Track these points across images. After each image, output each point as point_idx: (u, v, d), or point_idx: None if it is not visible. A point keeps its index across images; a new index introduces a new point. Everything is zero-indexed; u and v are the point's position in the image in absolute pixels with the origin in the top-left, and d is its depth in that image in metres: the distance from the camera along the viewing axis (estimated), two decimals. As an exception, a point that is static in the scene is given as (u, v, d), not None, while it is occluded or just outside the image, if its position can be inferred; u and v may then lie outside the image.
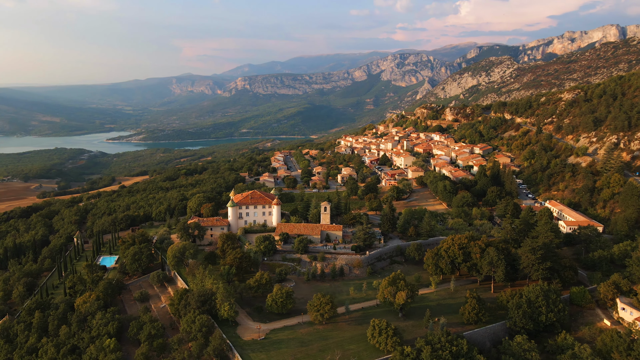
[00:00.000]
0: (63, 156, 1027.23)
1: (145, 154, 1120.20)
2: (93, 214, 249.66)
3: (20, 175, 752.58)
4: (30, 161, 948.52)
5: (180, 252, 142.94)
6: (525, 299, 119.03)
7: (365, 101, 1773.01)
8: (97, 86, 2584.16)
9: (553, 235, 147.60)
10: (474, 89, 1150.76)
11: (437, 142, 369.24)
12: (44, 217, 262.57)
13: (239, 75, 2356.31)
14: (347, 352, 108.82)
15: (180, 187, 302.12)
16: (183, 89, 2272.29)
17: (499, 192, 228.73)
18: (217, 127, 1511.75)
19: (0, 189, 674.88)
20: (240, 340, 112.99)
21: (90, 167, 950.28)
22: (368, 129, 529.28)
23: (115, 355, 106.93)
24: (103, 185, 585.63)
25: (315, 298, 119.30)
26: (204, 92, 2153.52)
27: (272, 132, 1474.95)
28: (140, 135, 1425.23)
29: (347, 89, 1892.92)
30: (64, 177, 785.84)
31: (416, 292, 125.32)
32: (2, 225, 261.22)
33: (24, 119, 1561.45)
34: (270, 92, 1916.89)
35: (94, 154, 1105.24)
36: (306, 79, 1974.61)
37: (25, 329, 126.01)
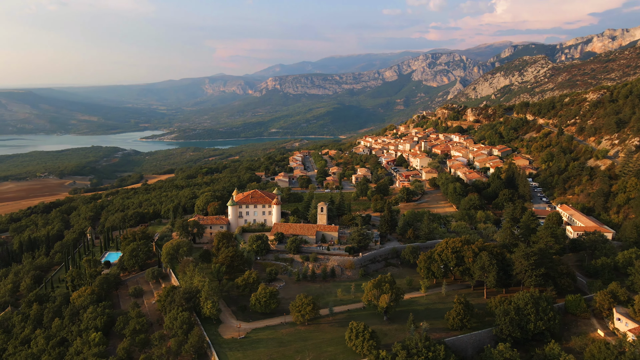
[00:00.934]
0: (98, 154, 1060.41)
1: (175, 152, 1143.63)
2: (107, 210, 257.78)
3: (56, 172, 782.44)
4: (67, 159, 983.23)
5: (174, 249, 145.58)
6: (513, 305, 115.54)
7: (396, 101, 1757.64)
8: (134, 86, 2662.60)
9: (553, 241, 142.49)
10: (506, 89, 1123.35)
11: (456, 143, 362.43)
12: (62, 213, 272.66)
13: (270, 75, 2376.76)
14: (324, 354, 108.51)
15: (194, 186, 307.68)
16: (215, 89, 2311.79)
17: (511, 195, 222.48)
18: (246, 127, 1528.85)
19: (37, 184, 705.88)
20: (220, 339, 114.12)
21: (123, 165, 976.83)
22: (389, 129, 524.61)
23: (98, 349, 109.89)
24: (131, 183, 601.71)
25: (298, 299, 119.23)
26: (235, 92, 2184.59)
27: (301, 132, 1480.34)
28: (172, 134, 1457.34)
29: (378, 89, 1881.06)
30: (97, 175, 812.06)
31: (401, 295, 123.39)
32: (24, 220, 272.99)
33: (64, 118, 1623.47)
34: (300, 92, 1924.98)
35: (127, 152, 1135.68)
36: (336, 79, 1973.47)
37: (22, 320, 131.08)
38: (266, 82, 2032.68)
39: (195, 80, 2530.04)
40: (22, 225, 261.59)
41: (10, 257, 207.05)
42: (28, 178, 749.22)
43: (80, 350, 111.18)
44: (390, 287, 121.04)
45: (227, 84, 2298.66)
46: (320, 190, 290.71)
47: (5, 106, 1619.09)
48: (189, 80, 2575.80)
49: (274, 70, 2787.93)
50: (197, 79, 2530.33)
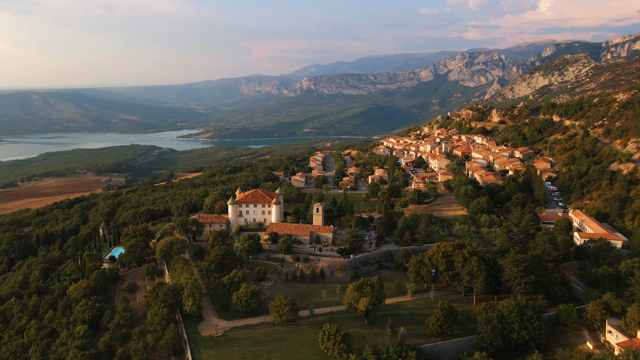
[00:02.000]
0: (136, 152, 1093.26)
1: (209, 151, 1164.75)
2: (123, 207, 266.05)
3: (94, 169, 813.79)
4: (106, 156, 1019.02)
5: (167, 247, 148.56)
6: (496, 313, 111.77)
7: (431, 102, 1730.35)
8: (173, 86, 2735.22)
9: (551, 247, 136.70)
10: (545, 89, 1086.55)
11: (478, 145, 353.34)
12: (83, 209, 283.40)
13: (305, 75, 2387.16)
14: (297, 355, 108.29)
15: (210, 184, 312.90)
16: (251, 89, 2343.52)
17: (524, 199, 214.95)
18: (280, 127, 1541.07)
19: (75, 181, 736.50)
20: (197, 336, 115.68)
21: (158, 163, 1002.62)
22: (413, 130, 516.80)
23: (81, 341, 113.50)
24: (161, 180, 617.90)
25: (277, 299, 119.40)
26: (270, 92, 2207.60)
27: (334, 132, 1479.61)
28: (207, 133, 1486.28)
29: (413, 90, 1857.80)
30: (132, 172, 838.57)
31: (382, 299, 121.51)
32: (47, 215, 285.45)
33: (106, 117, 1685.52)
34: (335, 92, 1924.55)
35: (163, 151, 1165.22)
36: (371, 79, 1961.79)
37: (20, 311, 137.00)
38: (301, 82, 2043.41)
39: (231, 80, 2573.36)
40: (44, 219, 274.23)
41: (27, 250, 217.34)
42: (68, 174, 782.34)
43: (65, 342, 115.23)
44: (371, 290, 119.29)
45: (262, 84, 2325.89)
46: (333, 190, 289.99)
47: (52, 106, 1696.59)
48: (226, 81, 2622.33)
49: (310, 71, 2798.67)
50: (233, 79, 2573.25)
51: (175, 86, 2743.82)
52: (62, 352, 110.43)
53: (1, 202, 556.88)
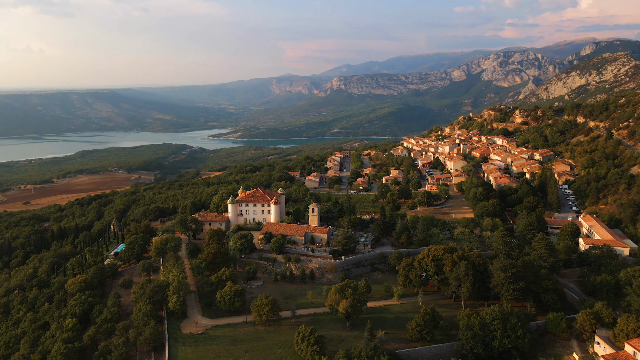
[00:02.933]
0: (167, 151, 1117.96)
1: (238, 150, 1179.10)
2: (137, 204, 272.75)
3: (125, 167, 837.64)
4: (139, 155, 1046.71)
5: (162, 244, 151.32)
6: (478, 320, 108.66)
7: (463, 102, 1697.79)
8: (206, 87, 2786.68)
9: (547, 253, 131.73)
10: (582, 89, 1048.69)
11: (497, 146, 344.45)
12: (100, 205, 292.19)
13: (336, 75, 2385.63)
14: (272, 355, 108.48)
15: (224, 183, 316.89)
16: (282, 89, 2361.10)
17: (535, 203, 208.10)
18: (309, 127, 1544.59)
19: (107, 178, 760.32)
20: (178, 333, 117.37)
21: (188, 162, 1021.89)
22: (434, 131, 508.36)
23: (68, 334, 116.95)
24: (187, 178, 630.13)
25: (259, 299, 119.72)
26: (301, 92, 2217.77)
27: (363, 132, 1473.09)
28: (237, 132, 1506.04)
29: (444, 90, 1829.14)
30: (162, 170, 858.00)
31: (365, 301, 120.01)
32: (65, 211, 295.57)
33: (141, 117, 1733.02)
34: (365, 92, 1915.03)
35: (194, 150, 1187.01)
36: (402, 79, 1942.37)
37: (20, 303, 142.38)
38: (331, 82, 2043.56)
39: (263, 80, 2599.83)
40: (62, 215, 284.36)
41: (42, 244, 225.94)
42: (100, 172, 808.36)
43: (54, 334, 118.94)
44: (352, 292, 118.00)
45: (293, 84, 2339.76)
46: (344, 191, 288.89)
47: (90, 105, 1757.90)
48: (258, 81, 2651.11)
49: (341, 71, 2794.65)
50: (265, 79, 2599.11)
51: (208, 86, 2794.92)
52: (49, 344, 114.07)
53: (36, 198, 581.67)
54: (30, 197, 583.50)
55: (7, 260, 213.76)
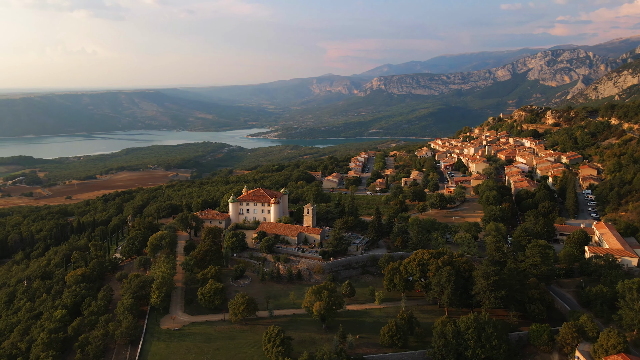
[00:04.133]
0: (206, 149, 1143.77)
1: (275, 149, 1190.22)
2: (154, 201, 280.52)
3: (164, 164, 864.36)
4: (179, 153, 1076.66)
5: (157, 240, 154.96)
6: (452, 328, 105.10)
7: (507, 102, 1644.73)
8: (247, 86, 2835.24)
9: (540, 261, 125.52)
10: (634, 88, 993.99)
11: (525, 148, 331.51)
12: (123, 201, 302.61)
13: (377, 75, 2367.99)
14: (241, 354, 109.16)
15: (243, 182, 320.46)
16: (322, 88, 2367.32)
17: (551, 208, 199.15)
18: (347, 127, 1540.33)
19: (145, 175, 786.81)
20: (157, 328, 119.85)
21: (226, 160, 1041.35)
22: (463, 132, 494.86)
23: (55, 325, 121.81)
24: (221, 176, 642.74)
25: (236, 298, 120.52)
26: (340, 92, 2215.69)
27: (402, 132, 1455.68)
28: (276, 132, 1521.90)
29: (488, 90, 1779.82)
30: (199, 168, 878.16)
31: (341, 304, 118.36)
32: (90, 206, 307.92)
33: (184, 116, 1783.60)
34: (405, 92, 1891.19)
35: (232, 148, 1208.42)
36: (443, 79, 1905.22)
37: (23, 293, 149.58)
38: (371, 82, 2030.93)
39: (304, 80, 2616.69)
40: (86, 210, 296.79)
41: (62, 237, 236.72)
42: (141, 169, 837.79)
43: (43, 324, 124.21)
44: (328, 294, 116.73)
45: (333, 84, 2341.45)
46: (361, 191, 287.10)
47: (137, 105, 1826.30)
48: (298, 81, 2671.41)
49: (382, 71, 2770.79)
50: (305, 79, 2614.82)
51: (249, 86, 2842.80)
52: (37, 334, 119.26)
53: (78, 193, 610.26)
54: (73, 192, 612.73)
55: (29, 252, 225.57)
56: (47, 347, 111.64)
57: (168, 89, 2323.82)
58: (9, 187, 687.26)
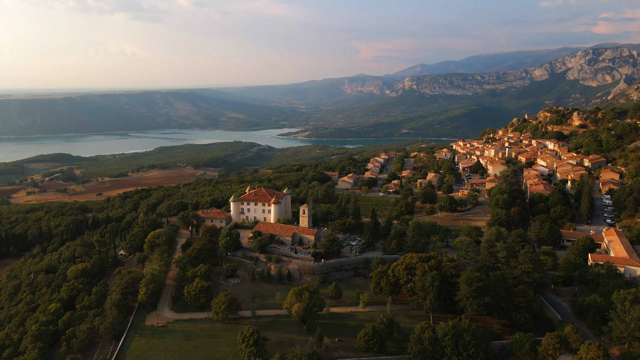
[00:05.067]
0: (236, 149, 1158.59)
1: (304, 149, 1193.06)
2: (168, 199, 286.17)
3: (193, 163, 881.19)
4: (210, 152, 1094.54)
5: (154, 237, 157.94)
6: (429, 334, 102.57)
7: (544, 103, 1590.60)
8: (279, 86, 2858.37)
9: (531, 267, 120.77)
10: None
11: (547, 150, 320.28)
12: (140, 198, 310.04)
13: (410, 75, 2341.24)
14: (217, 353, 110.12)
15: (257, 182, 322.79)
16: (354, 89, 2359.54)
17: (563, 213, 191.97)
18: (378, 127, 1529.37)
19: (174, 173, 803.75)
20: (141, 324, 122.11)
21: (254, 160, 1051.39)
22: (487, 133, 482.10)
23: (48, 317, 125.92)
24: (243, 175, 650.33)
25: (219, 296, 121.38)
26: (372, 92, 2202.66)
27: (433, 133, 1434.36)
28: (306, 132, 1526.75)
29: (524, 90, 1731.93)
30: (227, 167, 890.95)
31: (321, 306, 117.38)
32: (110, 203, 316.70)
33: (216, 115, 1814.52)
34: (438, 92, 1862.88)
35: (262, 148, 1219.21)
36: (477, 79, 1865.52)
37: (27, 285, 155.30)
38: (403, 83, 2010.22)
39: (335, 80, 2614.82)
40: (104, 206, 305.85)
41: (78, 232, 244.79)
42: (171, 167, 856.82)
43: (38, 317, 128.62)
44: (309, 296, 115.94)
45: (365, 84, 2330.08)
46: (374, 193, 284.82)
47: (172, 104, 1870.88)
48: (330, 81, 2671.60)
49: (415, 70, 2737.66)
50: (337, 79, 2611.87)
51: (281, 86, 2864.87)
52: (30, 326, 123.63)
53: (108, 190, 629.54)
54: (104, 189, 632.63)
55: (46, 246, 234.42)
56: (35, 339, 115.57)
57: (202, 89, 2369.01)
58: (46, 183, 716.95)
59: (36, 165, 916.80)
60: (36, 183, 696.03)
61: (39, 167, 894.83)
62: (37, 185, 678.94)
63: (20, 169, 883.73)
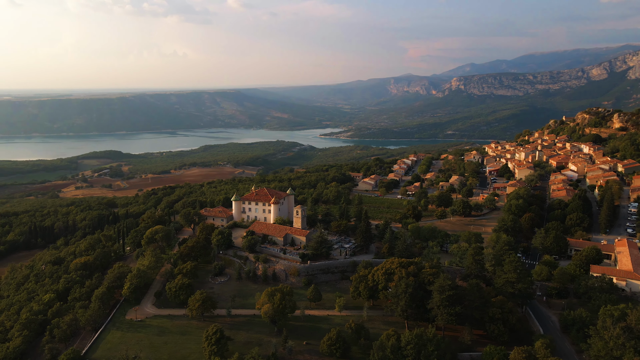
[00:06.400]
0: (278, 148, 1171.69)
1: (345, 149, 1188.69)
2: (188, 196, 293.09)
3: (233, 161, 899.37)
4: (252, 150, 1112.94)
5: (152, 234, 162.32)
6: (391, 342, 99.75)
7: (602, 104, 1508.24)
8: (324, 86, 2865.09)
9: (515, 277, 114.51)
10: None
11: (581, 154, 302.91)
12: (164, 195, 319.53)
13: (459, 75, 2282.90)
14: (184, 350, 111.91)
15: (278, 181, 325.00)
16: (399, 89, 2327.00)
17: (579, 221, 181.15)
18: (422, 128, 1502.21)
19: (214, 171, 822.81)
20: (121, 318, 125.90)
21: (295, 159, 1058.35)
22: (522, 135, 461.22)
23: (40, 307, 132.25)
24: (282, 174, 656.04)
25: (195, 294, 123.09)
26: (418, 93, 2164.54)
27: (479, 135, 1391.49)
28: (348, 132, 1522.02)
29: (579, 90, 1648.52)
30: (266, 166, 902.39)
31: (293, 308, 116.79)
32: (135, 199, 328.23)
33: (261, 115, 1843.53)
34: (486, 92, 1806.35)
35: (303, 148, 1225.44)
36: (529, 79, 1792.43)
37: (35, 275, 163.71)
38: (450, 83, 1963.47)
39: (381, 80, 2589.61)
40: (129, 202, 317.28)
41: (99, 227, 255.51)
42: (211, 165, 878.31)
43: (31, 306, 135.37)
44: (281, 297, 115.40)
45: (411, 84, 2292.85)
46: (393, 195, 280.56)
47: (219, 104, 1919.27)
48: (375, 81, 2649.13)
49: (464, 70, 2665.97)
50: (383, 79, 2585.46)
51: (326, 86, 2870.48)
52: (23, 314, 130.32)
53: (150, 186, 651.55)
54: (146, 185, 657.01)
55: (69, 239, 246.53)
56: (23, 327, 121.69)
57: (248, 89, 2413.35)
58: (95, 179, 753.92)
59: (89, 162, 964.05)
60: (85, 178, 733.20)
61: (92, 163, 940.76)
62: (86, 181, 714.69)
63: (75, 164, 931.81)
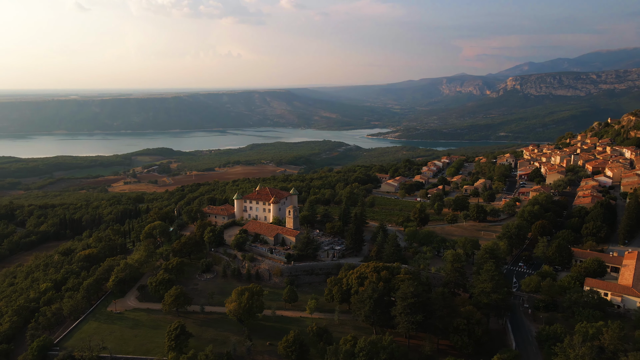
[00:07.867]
0: (323, 148, 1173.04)
1: (391, 150, 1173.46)
2: (208, 193, 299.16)
3: (276, 160, 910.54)
4: (297, 150, 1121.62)
5: (151, 229, 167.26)
6: (345, 348, 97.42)
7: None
8: (375, 86, 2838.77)
9: (490, 287, 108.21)
10: None
11: (621, 159, 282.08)
12: (189, 192, 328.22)
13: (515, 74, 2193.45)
14: (150, 343, 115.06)
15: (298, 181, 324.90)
16: (452, 89, 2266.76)
17: (595, 230, 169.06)
18: (473, 129, 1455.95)
19: (255, 170, 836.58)
20: (102, 309, 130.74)
21: (339, 159, 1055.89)
22: (564, 137, 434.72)
23: (35, 294, 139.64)
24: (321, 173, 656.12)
25: (171, 290, 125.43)
26: (471, 93, 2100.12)
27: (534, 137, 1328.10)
28: (396, 132, 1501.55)
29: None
30: (308, 165, 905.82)
31: (261, 308, 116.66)
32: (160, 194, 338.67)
33: (309, 114, 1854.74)
34: (544, 92, 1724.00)
35: (349, 148, 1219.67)
36: (592, 78, 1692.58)
37: (44, 265, 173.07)
38: (505, 83, 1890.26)
39: (433, 80, 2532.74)
40: (154, 198, 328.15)
41: (121, 221, 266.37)
42: (255, 163, 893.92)
43: (28, 293, 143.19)
44: (248, 297, 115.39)
45: (464, 84, 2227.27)
46: (411, 198, 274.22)
47: (269, 103, 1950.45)
48: (427, 81, 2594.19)
49: (522, 69, 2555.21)
50: (435, 79, 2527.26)
51: (376, 86, 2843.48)
52: (19, 301, 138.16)
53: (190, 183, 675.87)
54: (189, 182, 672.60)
55: (94, 231, 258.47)
56: (14, 313, 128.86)
57: (298, 89, 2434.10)
58: (143, 175, 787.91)
59: (142, 158, 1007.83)
60: (135, 174, 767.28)
61: (144, 160, 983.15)
62: (135, 176, 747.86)
63: (129, 160, 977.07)
